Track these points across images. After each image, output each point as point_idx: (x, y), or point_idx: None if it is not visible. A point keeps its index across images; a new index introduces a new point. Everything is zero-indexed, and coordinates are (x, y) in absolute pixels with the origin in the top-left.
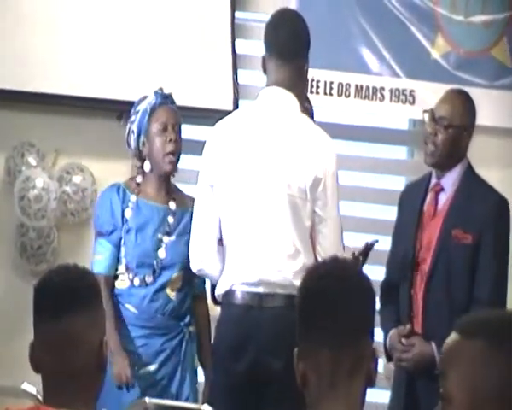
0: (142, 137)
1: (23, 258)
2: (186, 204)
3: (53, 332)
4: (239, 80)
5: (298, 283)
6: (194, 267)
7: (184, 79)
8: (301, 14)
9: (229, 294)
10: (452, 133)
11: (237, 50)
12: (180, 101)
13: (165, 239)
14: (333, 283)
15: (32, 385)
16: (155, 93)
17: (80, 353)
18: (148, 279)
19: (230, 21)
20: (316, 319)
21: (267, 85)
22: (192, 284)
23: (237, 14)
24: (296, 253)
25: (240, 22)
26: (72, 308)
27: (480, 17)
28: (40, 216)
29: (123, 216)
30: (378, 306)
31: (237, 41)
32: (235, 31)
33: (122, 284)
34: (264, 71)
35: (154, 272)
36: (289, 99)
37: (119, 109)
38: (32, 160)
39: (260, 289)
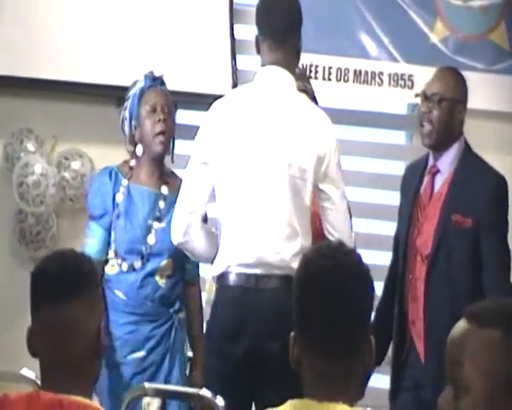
0: (133, 122)
1: (22, 244)
2: (179, 186)
3: (50, 319)
4: (238, 65)
5: (295, 264)
6: (176, 239)
7: (183, 65)
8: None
9: (224, 275)
10: (446, 107)
11: (236, 35)
12: (179, 86)
13: (156, 225)
14: (332, 269)
15: (32, 371)
16: (145, 76)
17: (78, 339)
18: (137, 265)
19: (229, 6)
20: (313, 305)
21: (262, 66)
22: (184, 269)
23: None
24: (294, 234)
25: (238, 7)
26: (69, 295)
27: (478, 1)
28: (39, 202)
29: (114, 200)
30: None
31: (236, 26)
32: (234, 16)
33: (112, 269)
34: (258, 51)
35: (142, 258)
36: (286, 77)
37: (118, 95)
38: (30, 146)
39: (257, 271)
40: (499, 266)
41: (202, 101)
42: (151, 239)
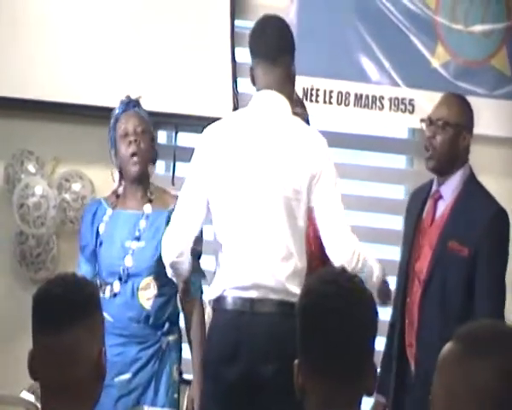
0: (113, 150)
1: (22, 266)
2: (167, 204)
3: (52, 343)
4: (238, 89)
5: (291, 287)
6: (168, 259)
7: (184, 88)
8: (301, 22)
9: (220, 299)
10: (450, 132)
11: (237, 59)
12: (179, 109)
13: (133, 245)
14: (335, 294)
15: (31, 394)
16: (120, 102)
17: (79, 363)
18: (116, 288)
19: (230, 30)
20: (317, 331)
21: (257, 91)
22: (177, 288)
23: (237, 22)
24: (289, 255)
25: (239, 30)
26: (71, 319)
27: (479, 26)
28: (39, 224)
29: (94, 232)
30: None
31: (237, 49)
32: (235, 39)
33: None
34: (253, 82)
35: (120, 279)
36: (280, 101)
37: None
38: (31, 167)
39: (252, 294)
40: (491, 303)
41: (203, 124)
42: (128, 261)
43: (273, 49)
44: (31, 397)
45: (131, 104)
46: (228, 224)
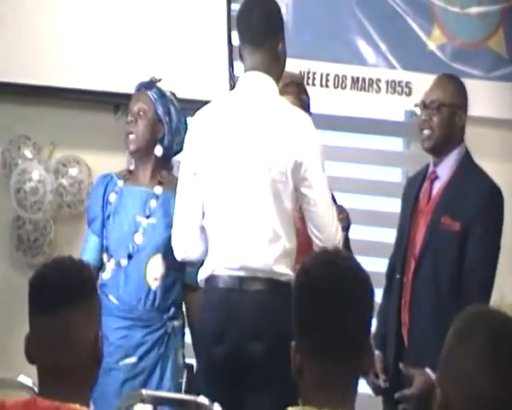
0: None
1: (19, 251)
2: (174, 186)
3: (48, 327)
4: (235, 72)
5: (279, 268)
6: (178, 256)
7: (180, 71)
8: (297, 6)
9: (210, 279)
10: (446, 113)
11: (233, 42)
12: (177, 93)
13: (144, 222)
14: (332, 274)
15: (29, 377)
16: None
17: (76, 347)
18: (123, 263)
19: (226, 13)
20: (314, 311)
21: (244, 72)
22: (182, 272)
23: (233, 5)
24: (277, 238)
25: (236, 14)
26: (67, 304)
27: (476, 8)
28: (36, 209)
29: (104, 203)
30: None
31: (233, 33)
32: (231, 22)
33: (106, 275)
34: (242, 60)
35: (128, 256)
36: (266, 82)
37: (116, 102)
38: (28, 152)
39: (241, 273)
40: (479, 275)
41: (200, 107)
42: (138, 238)
43: (258, 34)
44: (28, 381)
45: (144, 85)
46: (216, 207)
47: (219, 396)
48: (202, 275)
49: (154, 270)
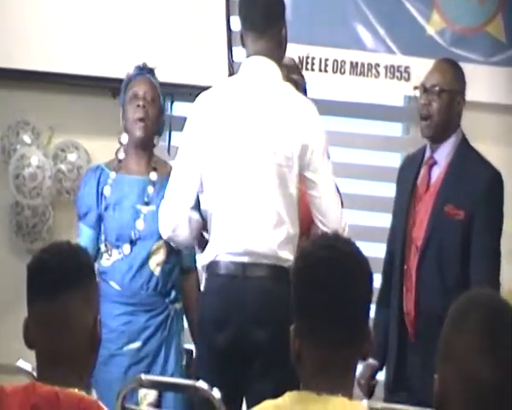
0: (121, 110)
1: (18, 236)
2: (168, 172)
3: (46, 312)
4: (234, 57)
5: (282, 253)
6: (165, 233)
7: (179, 57)
8: None
9: (212, 264)
10: (446, 98)
11: (232, 27)
12: (175, 78)
13: (144, 209)
14: (331, 258)
15: (28, 362)
16: (135, 66)
17: (74, 332)
18: (126, 251)
19: None
20: (313, 296)
21: (247, 57)
22: (180, 257)
23: None
24: (281, 222)
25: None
26: (65, 288)
27: None
28: (35, 194)
29: (100, 195)
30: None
31: (232, 18)
32: (230, 8)
33: (106, 262)
34: (243, 44)
35: (131, 242)
36: (270, 67)
37: (114, 87)
38: (26, 138)
39: (245, 259)
40: (488, 262)
41: (199, 93)
42: (140, 224)
43: (262, 21)
44: (27, 366)
45: (146, 70)
46: (220, 191)
47: (222, 382)
48: (204, 260)
49: (157, 256)
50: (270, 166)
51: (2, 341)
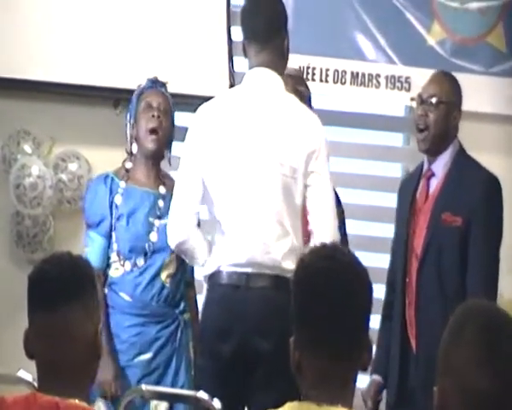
0: (132, 120)
1: (19, 246)
2: (173, 185)
3: (47, 323)
4: (235, 68)
5: (286, 264)
6: (173, 241)
7: (180, 67)
8: (297, 1)
9: (215, 275)
10: (443, 110)
11: (233, 38)
12: (176, 88)
13: (157, 223)
14: (331, 269)
15: (29, 373)
16: (147, 79)
17: (75, 342)
18: (140, 263)
19: (226, 8)
20: (313, 306)
21: (250, 68)
22: (184, 269)
23: (233, 1)
24: (285, 234)
25: (236, 9)
26: (66, 299)
27: (475, 4)
28: (36, 204)
29: (112, 204)
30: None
31: (233, 28)
32: (231, 18)
33: (116, 272)
34: (246, 55)
35: (145, 255)
36: (273, 78)
37: (115, 97)
38: (27, 148)
39: (248, 270)
40: (484, 271)
41: (199, 103)
42: (153, 236)
43: (264, 31)
44: (28, 376)
45: (159, 83)
46: (224, 201)
47: (224, 393)
48: (206, 271)
49: (168, 268)
50: (276, 176)
51: (2, 351)
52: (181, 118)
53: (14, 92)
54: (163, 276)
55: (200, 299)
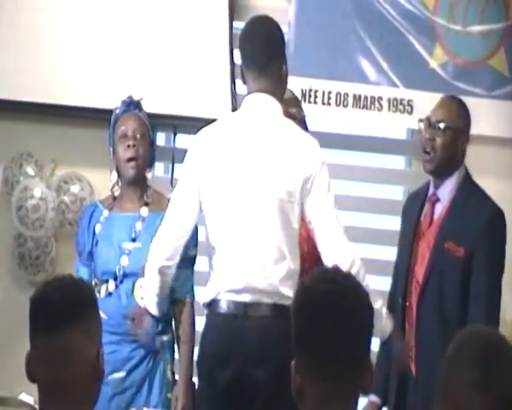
0: (111, 149)
1: (21, 268)
2: (163, 207)
3: (49, 346)
4: (237, 90)
5: (284, 289)
6: (159, 262)
7: (182, 89)
8: (299, 23)
9: (214, 303)
10: (450, 136)
11: (235, 60)
12: (178, 110)
13: (130, 246)
14: (333, 292)
15: (30, 396)
16: (121, 102)
17: (76, 365)
18: (111, 287)
19: (228, 31)
20: (315, 330)
21: (248, 93)
22: (171, 289)
23: (235, 23)
24: (282, 258)
25: (238, 32)
26: (67, 322)
27: (477, 27)
28: (38, 226)
29: (91, 233)
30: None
31: (235, 51)
32: (233, 40)
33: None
34: (244, 81)
35: (115, 279)
36: (272, 104)
37: None
38: (30, 170)
39: (246, 298)
40: (485, 304)
41: (201, 125)
42: (124, 260)
43: (263, 58)
44: (30, 399)
45: (132, 105)
46: (221, 226)
47: None
48: (205, 298)
49: (142, 290)
50: (272, 201)
51: (4, 373)
52: (183, 140)
53: (16, 114)
54: (137, 297)
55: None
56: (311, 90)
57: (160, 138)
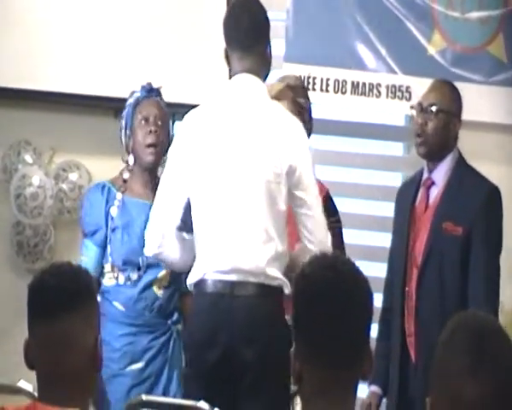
0: (128, 131)
1: (20, 256)
2: None
3: (47, 333)
4: None
5: (270, 270)
6: (150, 251)
7: (181, 77)
8: (297, 10)
9: (200, 283)
10: (443, 119)
11: None
12: (176, 98)
13: None
14: (333, 278)
15: (29, 383)
16: (142, 87)
17: (75, 352)
18: (133, 277)
19: None
20: (315, 316)
21: (232, 75)
22: (179, 280)
23: None
24: (269, 239)
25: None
26: (66, 309)
27: (476, 13)
28: (37, 214)
29: (108, 215)
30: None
31: None
32: None
33: (109, 281)
34: (228, 63)
35: (139, 269)
36: (257, 85)
37: (116, 107)
38: (28, 157)
39: (232, 277)
40: (485, 280)
41: None
42: None
43: (248, 39)
44: (29, 386)
45: (155, 92)
46: (208, 208)
47: (211, 402)
48: (192, 279)
49: (162, 281)
50: (259, 182)
51: (3, 360)
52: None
53: (14, 102)
54: (156, 288)
55: None
56: (309, 77)
57: None
